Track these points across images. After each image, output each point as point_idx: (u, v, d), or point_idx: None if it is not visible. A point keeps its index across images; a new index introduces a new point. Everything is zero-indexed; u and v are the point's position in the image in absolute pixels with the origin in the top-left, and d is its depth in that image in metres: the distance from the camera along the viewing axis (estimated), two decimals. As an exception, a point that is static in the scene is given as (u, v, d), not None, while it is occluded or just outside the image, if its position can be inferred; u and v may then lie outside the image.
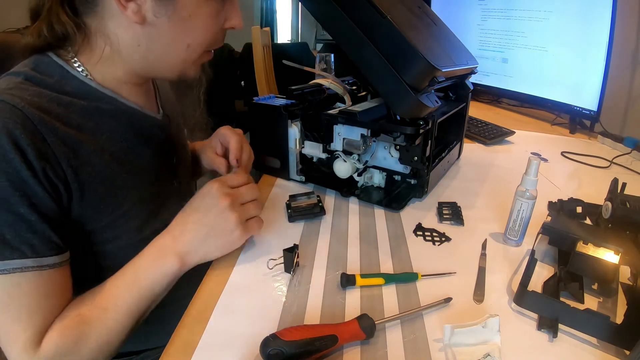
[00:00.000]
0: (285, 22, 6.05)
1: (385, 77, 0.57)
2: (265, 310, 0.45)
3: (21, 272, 0.42)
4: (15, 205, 0.41)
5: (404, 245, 0.58)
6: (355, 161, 0.69)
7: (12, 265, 0.41)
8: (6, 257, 0.41)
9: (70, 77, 0.49)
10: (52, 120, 0.45)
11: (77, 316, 0.45)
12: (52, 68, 0.48)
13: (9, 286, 0.42)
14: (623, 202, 0.55)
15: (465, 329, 0.40)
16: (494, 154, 0.99)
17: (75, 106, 0.48)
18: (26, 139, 0.41)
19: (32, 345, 0.43)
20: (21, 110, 0.42)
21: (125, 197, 0.52)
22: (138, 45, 0.48)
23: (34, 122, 0.42)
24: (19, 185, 0.41)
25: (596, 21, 1.14)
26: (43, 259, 0.43)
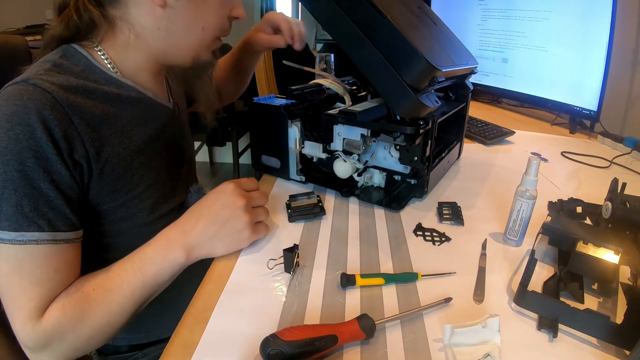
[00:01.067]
0: (285, 22, 6.04)
1: (385, 77, 0.57)
2: (265, 310, 0.45)
3: (36, 244, 0.44)
4: (37, 180, 0.44)
5: (404, 245, 0.58)
6: (355, 161, 0.69)
7: (28, 237, 0.44)
8: (24, 228, 0.44)
9: (93, 66, 0.53)
10: (78, 103, 0.48)
11: (81, 294, 0.47)
12: (77, 58, 0.52)
13: (22, 256, 0.44)
14: (623, 202, 0.55)
15: (465, 329, 0.40)
16: (494, 154, 0.99)
17: (99, 92, 0.52)
18: (54, 119, 0.45)
19: (35, 316, 0.45)
20: (50, 94, 0.45)
21: (141, 179, 0.56)
22: (158, 28, 0.53)
23: (62, 104, 0.46)
24: (43, 162, 0.44)
25: (596, 21, 1.14)
26: (58, 234, 0.46)
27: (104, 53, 0.54)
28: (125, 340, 0.68)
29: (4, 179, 0.43)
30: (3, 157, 0.43)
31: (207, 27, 0.56)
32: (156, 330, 0.67)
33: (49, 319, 0.45)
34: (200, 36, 0.56)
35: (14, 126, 0.43)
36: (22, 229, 0.44)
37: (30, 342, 0.45)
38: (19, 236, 0.43)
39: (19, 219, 0.43)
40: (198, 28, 0.55)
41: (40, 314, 0.45)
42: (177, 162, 0.67)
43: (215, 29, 0.57)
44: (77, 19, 0.50)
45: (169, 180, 0.62)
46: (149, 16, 0.52)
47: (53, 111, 0.45)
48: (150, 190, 0.58)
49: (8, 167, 0.43)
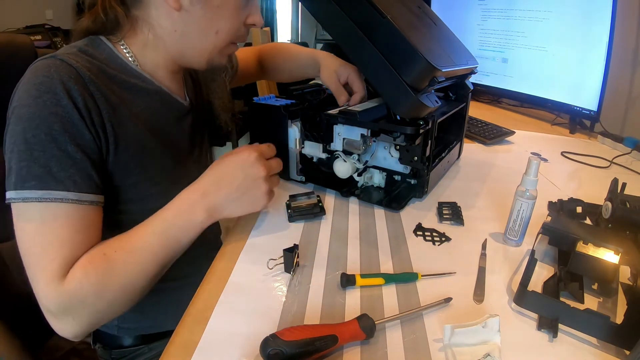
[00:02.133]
0: (285, 22, 6.05)
1: (385, 77, 0.57)
2: (265, 310, 0.45)
3: (61, 202, 0.46)
4: (64, 143, 0.47)
5: (404, 245, 0.58)
6: (355, 161, 0.69)
7: (54, 195, 0.46)
8: (51, 187, 0.46)
9: (116, 57, 0.56)
10: (99, 82, 0.51)
11: (102, 256, 0.48)
12: (102, 47, 0.56)
13: (46, 216, 0.46)
14: (623, 202, 0.55)
15: (465, 329, 0.40)
16: (494, 154, 0.99)
17: (118, 78, 0.55)
18: (77, 90, 0.48)
19: (58, 277, 0.45)
20: (75, 69, 0.49)
21: (151, 163, 0.58)
22: (175, 31, 0.56)
23: (84, 79, 0.50)
24: (69, 127, 0.47)
25: (596, 21, 1.14)
26: (83, 195, 0.48)
27: (126, 47, 0.57)
28: (131, 331, 0.68)
29: (33, 142, 0.45)
30: (32, 122, 0.46)
31: (220, 32, 0.58)
32: (161, 321, 0.67)
33: (71, 281, 0.46)
34: (214, 40, 0.58)
35: (42, 94, 0.46)
36: (48, 187, 0.45)
37: (54, 305, 0.46)
38: (45, 194, 0.45)
39: (46, 178, 0.45)
40: (212, 32, 0.57)
41: (63, 276, 0.46)
42: (188, 155, 0.68)
43: (229, 34, 0.59)
44: (103, 16, 0.54)
45: (178, 170, 0.64)
46: (167, 18, 0.55)
47: (76, 83, 0.48)
48: (159, 177, 0.60)
49: (37, 131, 0.45)
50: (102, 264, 0.47)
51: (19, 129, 0.46)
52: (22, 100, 0.47)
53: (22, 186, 0.45)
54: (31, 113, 0.46)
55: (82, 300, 0.46)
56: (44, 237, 0.46)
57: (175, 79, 0.65)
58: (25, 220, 0.46)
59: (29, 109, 0.46)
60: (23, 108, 0.46)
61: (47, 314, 0.47)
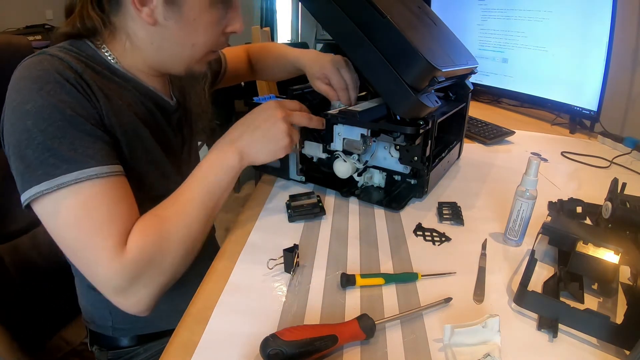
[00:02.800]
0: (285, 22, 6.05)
1: (385, 77, 0.57)
2: (265, 310, 0.45)
3: (97, 178, 0.46)
4: (81, 124, 0.47)
5: (404, 245, 0.58)
6: (355, 161, 0.69)
7: (88, 173, 0.45)
8: (83, 166, 0.45)
9: (98, 56, 0.56)
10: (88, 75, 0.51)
11: (154, 217, 0.50)
12: (84, 47, 0.55)
13: (85, 197, 0.45)
14: (623, 202, 0.55)
15: (465, 329, 0.40)
16: (494, 154, 0.99)
17: (104, 75, 0.55)
18: (73, 79, 0.49)
19: (118, 251, 0.45)
20: (66, 62, 0.50)
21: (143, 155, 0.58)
22: (151, 43, 0.56)
23: (76, 70, 0.50)
24: (79, 109, 0.48)
25: (596, 21, 1.14)
26: (114, 166, 0.49)
27: (107, 50, 0.57)
28: (125, 331, 0.68)
29: (51, 130, 0.45)
30: (43, 113, 0.45)
31: (197, 44, 0.57)
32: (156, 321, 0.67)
33: (132, 248, 0.46)
34: (191, 52, 0.58)
35: (43, 86, 0.46)
36: (81, 166, 0.45)
37: (123, 279, 0.46)
38: (80, 174, 0.45)
39: (77, 158, 0.45)
40: (188, 45, 0.57)
41: (123, 248, 0.46)
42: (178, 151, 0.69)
43: (206, 46, 0.59)
44: (80, 25, 0.54)
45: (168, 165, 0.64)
46: (143, 30, 0.55)
47: (69, 72, 0.49)
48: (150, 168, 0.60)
49: (51, 120, 0.45)
50: (157, 223, 0.49)
51: (29, 125, 0.45)
52: (23, 96, 0.46)
53: (53, 174, 0.44)
54: (38, 106, 0.45)
55: (149, 260, 0.47)
56: (90, 219, 0.45)
57: (160, 80, 0.65)
58: (64, 209, 0.45)
59: (34, 103, 0.45)
60: (27, 104, 0.45)
61: (115, 294, 0.47)
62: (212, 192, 0.54)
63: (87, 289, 0.65)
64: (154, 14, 0.53)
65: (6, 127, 0.47)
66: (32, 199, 0.45)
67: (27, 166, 0.45)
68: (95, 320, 0.67)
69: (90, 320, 0.68)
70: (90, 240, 0.45)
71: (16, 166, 0.46)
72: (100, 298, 0.64)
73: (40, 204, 0.45)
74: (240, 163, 0.57)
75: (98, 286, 0.47)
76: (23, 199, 0.45)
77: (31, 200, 0.45)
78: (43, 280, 0.74)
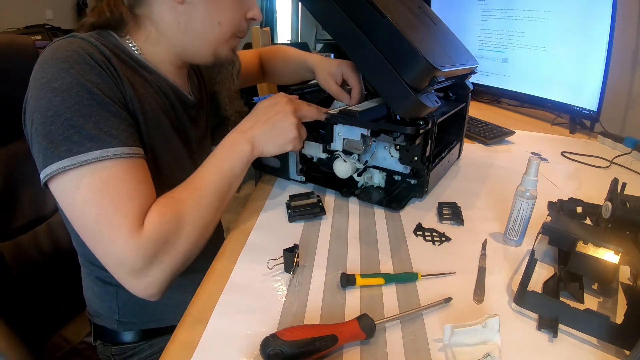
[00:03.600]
0: (285, 22, 6.05)
1: (385, 77, 0.57)
2: (265, 310, 0.45)
3: (119, 158, 0.47)
4: (108, 104, 0.48)
5: (404, 245, 0.58)
6: (355, 161, 0.69)
7: (112, 152, 0.46)
8: (107, 145, 0.46)
9: (123, 48, 0.57)
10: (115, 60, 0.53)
11: (171, 199, 0.51)
12: (109, 38, 0.57)
13: (106, 175, 0.46)
14: (623, 202, 0.55)
15: (465, 329, 0.40)
16: (494, 154, 1.00)
17: (128, 64, 0.56)
18: (101, 61, 0.50)
19: (135, 229, 0.46)
20: (95, 46, 0.51)
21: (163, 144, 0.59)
22: (178, 23, 0.57)
23: (104, 54, 0.51)
24: (107, 90, 0.49)
25: (596, 21, 1.14)
26: (136, 148, 0.50)
27: (131, 41, 0.58)
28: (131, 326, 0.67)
29: (78, 108, 0.46)
30: (71, 90, 0.46)
31: (223, 23, 0.59)
32: (162, 315, 0.67)
33: (150, 226, 0.47)
34: (217, 31, 0.59)
35: (73, 65, 0.47)
36: (105, 145, 0.46)
37: (139, 258, 0.46)
38: (104, 152, 0.46)
39: (101, 137, 0.46)
40: (215, 23, 0.59)
41: (140, 226, 0.47)
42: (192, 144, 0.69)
43: (232, 26, 0.60)
44: (108, 14, 0.56)
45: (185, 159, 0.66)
46: (170, 12, 0.56)
47: (98, 55, 0.50)
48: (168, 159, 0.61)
49: (79, 98, 0.46)
50: (174, 204, 0.50)
51: (56, 101, 0.45)
52: (52, 74, 0.46)
53: (76, 151, 0.45)
54: (67, 83, 0.46)
55: (165, 240, 0.48)
56: (110, 197, 0.46)
57: (180, 75, 0.66)
58: (84, 186, 0.45)
59: (63, 81, 0.46)
60: (56, 81, 0.46)
61: (129, 274, 0.47)
62: (225, 178, 0.56)
63: (94, 280, 0.65)
64: None
65: (31, 103, 0.47)
66: (52, 176, 0.45)
67: (50, 141, 0.45)
68: (100, 314, 0.67)
69: (95, 314, 0.67)
70: (108, 218, 0.46)
71: (39, 142, 0.46)
72: (108, 290, 0.64)
73: (60, 180, 0.46)
74: (251, 153, 0.58)
75: (112, 267, 0.47)
76: (44, 175, 0.46)
77: (50, 177, 0.45)
78: (44, 278, 0.74)
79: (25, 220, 0.72)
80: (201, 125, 0.73)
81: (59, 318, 0.79)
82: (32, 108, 0.47)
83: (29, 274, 0.71)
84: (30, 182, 0.71)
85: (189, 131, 0.67)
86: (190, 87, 0.70)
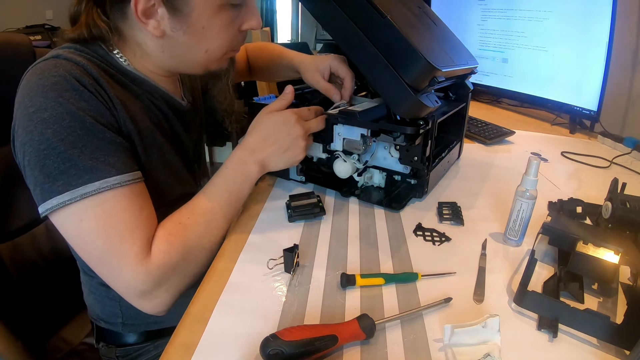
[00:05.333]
0: (285, 22, 6.05)
1: (385, 77, 0.57)
2: (265, 310, 0.45)
3: (119, 187, 0.47)
4: (101, 132, 0.47)
5: (404, 245, 0.58)
6: (355, 161, 0.69)
7: (111, 182, 0.46)
8: (105, 175, 0.46)
9: (111, 59, 0.55)
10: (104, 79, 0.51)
11: (179, 225, 0.51)
12: (96, 49, 0.55)
13: (109, 205, 0.46)
14: (623, 202, 0.55)
15: (465, 329, 0.40)
16: (494, 154, 0.99)
17: (117, 79, 0.55)
18: (90, 85, 0.48)
19: (143, 256, 0.46)
20: (81, 66, 0.49)
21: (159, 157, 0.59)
22: (162, 51, 0.56)
23: (92, 75, 0.50)
24: (99, 117, 0.48)
25: (596, 21, 1.14)
26: (135, 173, 0.49)
27: (118, 52, 0.56)
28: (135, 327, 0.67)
29: (71, 140, 0.45)
30: (62, 121, 0.45)
31: (210, 49, 0.56)
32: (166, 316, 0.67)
33: (158, 255, 0.47)
34: (205, 56, 0.57)
35: (61, 93, 0.45)
36: (103, 176, 0.46)
37: (148, 284, 0.47)
38: (103, 183, 0.45)
39: (99, 167, 0.46)
40: (201, 51, 0.56)
41: (148, 253, 0.47)
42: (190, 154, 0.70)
43: (222, 48, 0.57)
44: (86, 33, 0.53)
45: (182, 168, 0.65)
46: (152, 41, 0.55)
47: (87, 78, 0.48)
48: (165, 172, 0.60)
49: (71, 129, 0.45)
50: (182, 231, 0.50)
51: (48, 134, 0.44)
52: (40, 104, 0.45)
53: (75, 184, 0.44)
54: (58, 114, 0.45)
55: (173, 267, 0.48)
56: (115, 227, 0.46)
57: (171, 81, 0.65)
58: (87, 219, 0.45)
59: (53, 111, 0.45)
60: (45, 112, 0.44)
61: (138, 298, 0.48)
62: (234, 200, 0.57)
63: (96, 285, 0.65)
64: (160, 26, 0.51)
65: (21, 134, 0.46)
66: (53, 210, 0.44)
67: (46, 175, 0.44)
68: (103, 317, 0.67)
69: (97, 318, 0.67)
70: (115, 248, 0.46)
71: (35, 176, 0.45)
72: (111, 295, 0.64)
73: (62, 214, 0.45)
74: (260, 172, 0.59)
75: (121, 291, 0.48)
76: (43, 210, 0.45)
77: (50, 212, 0.45)
78: (42, 279, 0.74)
79: (23, 222, 0.72)
80: (195, 128, 0.72)
81: (58, 319, 0.79)
82: (23, 139, 0.45)
83: (27, 276, 0.71)
84: (28, 183, 0.71)
85: (184, 139, 0.67)
86: (182, 91, 0.69)
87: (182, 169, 0.65)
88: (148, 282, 0.47)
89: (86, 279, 0.66)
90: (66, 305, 0.78)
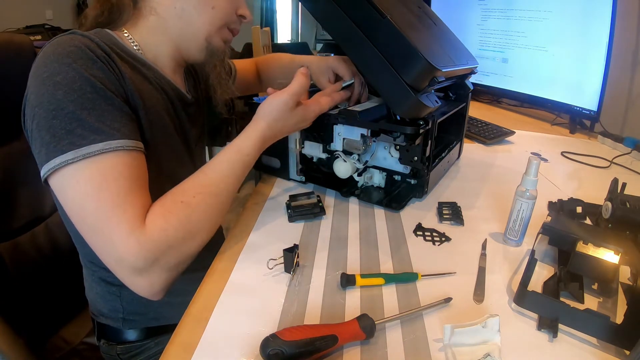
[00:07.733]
0: (285, 22, 6.05)
1: (385, 77, 0.57)
2: (265, 310, 0.45)
3: (122, 150, 0.47)
4: (111, 98, 0.49)
5: (404, 245, 0.58)
6: (355, 161, 0.69)
7: (114, 145, 0.46)
8: (109, 137, 0.46)
9: (122, 45, 0.57)
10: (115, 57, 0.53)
11: (180, 204, 0.50)
12: (107, 36, 0.57)
13: (106, 169, 0.46)
14: (623, 202, 0.55)
15: (465, 329, 0.40)
16: (494, 154, 0.99)
17: (129, 62, 0.57)
18: (103, 57, 0.50)
19: (136, 225, 0.46)
20: (96, 43, 0.52)
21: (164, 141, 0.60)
22: (174, 7, 0.59)
23: (103, 50, 0.52)
24: (110, 85, 0.49)
25: (596, 21, 1.14)
26: (138, 142, 0.50)
27: (129, 36, 0.59)
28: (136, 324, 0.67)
29: (81, 101, 0.46)
30: (74, 84, 0.46)
31: (217, 7, 0.60)
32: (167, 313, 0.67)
33: (153, 228, 0.46)
34: (211, 15, 0.61)
35: (75, 60, 0.48)
36: (107, 138, 0.46)
37: (140, 258, 0.45)
38: (106, 145, 0.46)
39: (104, 129, 0.46)
40: (209, 7, 0.60)
41: (142, 223, 0.46)
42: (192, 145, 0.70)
43: (224, 13, 0.62)
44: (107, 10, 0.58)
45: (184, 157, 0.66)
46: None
47: (101, 51, 0.51)
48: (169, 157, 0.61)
49: (82, 91, 0.46)
50: (183, 210, 0.49)
51: (59, 95, 0.45)
52: (54, 69, 0.46)
53: (79, 144, 0.45)
54: (70, 77, 0.46)
55: (170, 245, 0.47)
56: (109, 191, 0.45)
57: (178, 73, 0.67)
58: (84, 181, 0.45)
59: (66, 75, 0.46)
60: (58, 75, 0.46)
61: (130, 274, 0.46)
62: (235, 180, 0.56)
63: (97, 280, 0.65)
64: None
65: (32, 98, 0.47)
66: (54, 170, 0.45)
67: (53, 135, 0.45)
68: (104, 313, 0.66)
69: (98, 313, 0.67)
70: (107, 215, 0.45)
71: (41, 137, 0.46)
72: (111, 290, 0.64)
73: (61, 174, 0.45)
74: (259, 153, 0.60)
75: (113, 265, 0.46)
76: (45, 170, 0.45)
77: (51, 173, 0.45)
78: (43, 278, 0.74)
79: (24, 221, 0.72)
80: (198, 124, 0.73)
81: (59, 318, 0.79)
82: (34, 103, 0.46)
83: (28, 275, 0.71)
84: (28, 183, 0.71)
85: (187, 130, 0.67)
86: (187, 86, 0.71)
87: (185, 155, 0.66)
88: (142, 256, 0.45)
89: (88, 273, 0.66)
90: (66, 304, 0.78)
